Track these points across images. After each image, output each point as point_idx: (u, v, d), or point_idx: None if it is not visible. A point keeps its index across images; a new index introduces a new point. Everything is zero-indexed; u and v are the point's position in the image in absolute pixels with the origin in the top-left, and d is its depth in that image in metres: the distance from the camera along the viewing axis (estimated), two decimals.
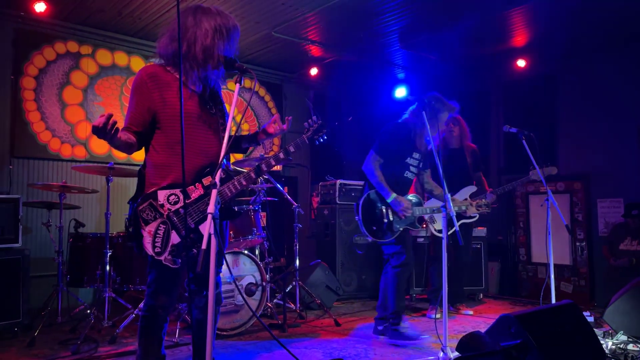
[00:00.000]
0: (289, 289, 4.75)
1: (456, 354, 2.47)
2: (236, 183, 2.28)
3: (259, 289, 4.14)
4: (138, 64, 5.82)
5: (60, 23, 5.29)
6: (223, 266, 2.39)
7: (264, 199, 4.51)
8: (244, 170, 2.35)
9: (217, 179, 1.92)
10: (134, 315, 3.88)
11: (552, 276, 3.73)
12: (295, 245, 4.71)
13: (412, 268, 3.87)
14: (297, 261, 4.68)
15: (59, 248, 4.23)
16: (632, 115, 5.60)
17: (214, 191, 1.89)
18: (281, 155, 2.39)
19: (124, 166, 5.02)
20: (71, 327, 4.03)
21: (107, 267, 3.99)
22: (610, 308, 3.54)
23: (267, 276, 4.36)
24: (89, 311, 4.02)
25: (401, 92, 6.86)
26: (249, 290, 4.07)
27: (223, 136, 2.27)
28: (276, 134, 2.49)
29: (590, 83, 5.98)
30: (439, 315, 4.51)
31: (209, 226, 1.81)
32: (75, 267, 4.19)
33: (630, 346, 3.14)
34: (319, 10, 5.02)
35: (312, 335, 4.03)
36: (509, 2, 4.77)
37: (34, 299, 4.41)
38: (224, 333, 3.86)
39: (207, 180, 2.26)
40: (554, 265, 3.78)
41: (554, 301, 3.68)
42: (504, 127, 4.09)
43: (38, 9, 4.79)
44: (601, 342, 2.94)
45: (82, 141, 5.42)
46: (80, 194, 5.17)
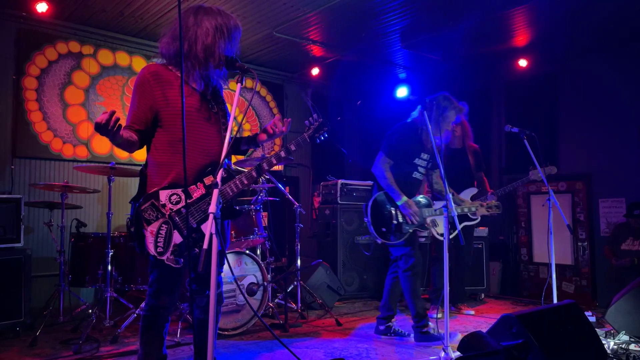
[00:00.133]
0: (290, 288, 4.76)
1: (457, 353, 2.47)
2: (238, 182, 2.29)
3: (261, 288, 4.15)
4: (140, 64, 5.83)
5: (62, 23, 5.30)
6: (224, 266, 2.39)
7: (265, 198, 4.52)
8: (245, 170, 2.35)
9: (218, 179, 1.93)
10: (135, 315, 3.89)
11: (554, 276, 3.73)
12: (297, 245, 4.71)
13: (423, 268, 3.82)
14: (299, 261, 4.69)
15: (60, 248, 4.24)
16: (634, 115, 5.59)
17: (215, 191, 1.89)
18: (282, 153, 2.39)
19: (126, 166, 5.04)
20: (73, 326, 4.04)
21: (109, 267, 4.00)
22: (612, 308, 3.54)
23: (269, 276, 4.36)
24: (90, 311, 4.03)
25: (402, 92, 6.86)
26: (251, 290, 4.07)
27: (224, 135, 2.27)
28: (276, 136, 2.48)
29: (591, 83, 5.97)
30: (440, 315, 4.51)
31: (210, 226, 1.82)
32: (77, 267, 4.20)
33: (632, 346, 3.14)
34: (320, 10, 5.02)
35: (313, 335, 4.03)
36: (510, 1, 4.76)
37: (35, 298, 4.42)
38: (226, 333, 3.86)
39: (208, 180, 2.27)
40: (556, 265, 3.79)
41: (555, 301, 3.68)
42: (506, 127, 4.09)
43: (40, 9, 4.79)
44: (603, 342, 2.94)
45: (83, 141, 5.43)
46: (81, 193, 5.18)
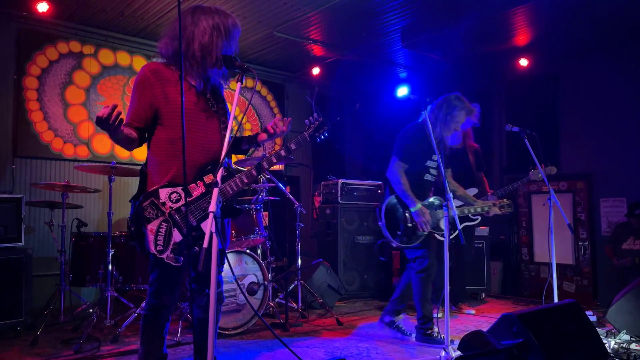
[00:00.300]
0: (291, 288, 4.75)
1: (458, 352, 2.46)
2: (237, 181, 2.29)
3: (261, 288, 4.15)
4: (140, 64, 5.83)
5: (62, 23, 5.30)
6: (225, 265, 2.39)
7: (266, 198, 4.52)
8: (245, 169, 2.35)
9: (218, 178, 1.92)
10: (136, 315, 3.89)
11: (555, 275, 3.73)
12: (297, 244, 4.71)
13: (435, 271, 3.78)
14: (299, 260, 4.68)
15: (61, 247, 4.25)
16: (635, 115, 5.58)
17: (215, 190, 1.89)
18: (282, 152, 2.39)
19: (126, 165, 5.04)
20: (73, 326, 4.04)
21: (110, 267, 4.00)
22: (613, 307, 3.54)
23: (269, 275, 4.36)
24: (91, 310, 4.03)
25: (403, 91, 6.85)
26: (251, 290, 4.07)
27: (224, 134, 2.27)
28: (277, 136, 2.48)
29: (592, 82, 5.96)
30: (441, 315, 4.51)
31: (210, 225, 1.81)
32: (77, 267, 4.20)
33: (633, 345, 3.14)
34: (320, 10, 5.02)
35: (314, 334, 4.03)
36: (510, 1, 4.75)
37: (36, 298, 4.43)
38: (226, 332, 3.86)
39: (208, 178, 2.27)
40: (557, 265, 3.78)
41: (556, 301, 3.68)
42: (506, 126, 4.08)
43: (41, 9, 4.80)
44: (604, 341, 2.94)
45: (84, 141, 5.44)
46: (82, 193, 5.18)
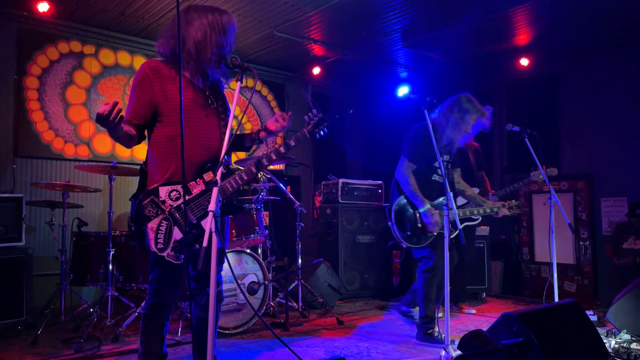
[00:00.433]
0: (291, 287, 4.75)
1: (458, 352, 2.46)
2: (237, 178, 2.28)
3: (262, 287, 4.15)
4: (141, 64, 5.83)
5: (63, 23, 5.31)
6: (225, 265, 2.39)
7: (266, 197, 4.52)
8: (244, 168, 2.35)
9: (218, 177, 1.92)
10: (136, 314, 3.89)
11: (555, 275, 3.72)
12: (298, 244, 4.71)
13: (442, 271, 3.76)
14: (300, 260, 4.68)
15: (62, 247, 4.25)
16: (636, 114, 5.57)
17: (214, 189, 1.88)
18: (282, 149, 2.39)
19: (127, 165, 5.04)
20: (74, 325, 4.04)
21: (110, 266, 4.01)
22: (613, 307, 3.54)
23: (270, 275, 4.36)
24: (91, 310, 4.04)
25: (404, 91, 6.85)
26: (252, 289, 4.07)
27: (224, 131, 2.28)
28: (278, 131, 2.48)
29: (593, 82, 5.96)
30: (441, 314, 4.50)
31: (209, 224, 1.81)
32: (78, 266, 4.20)
33: (634, 345, 3.13)
34: (321, 10, 5.02)
35: (314, 333, 4.03)
36: (511, 0, 4.75)
37: (37, 297, 4.43)
38: (227, 332, 3.86)
39: (208, 176, 2.27)
40: (558, 265, 3.78)
41: (557, 300, 3.67)
42: (507, 126, 4.07)
43: (41, 8, 4.81)
44: (604, 341, 2.93)
45: (85, 140, 5.44)
46: (83, 193, 5.18)
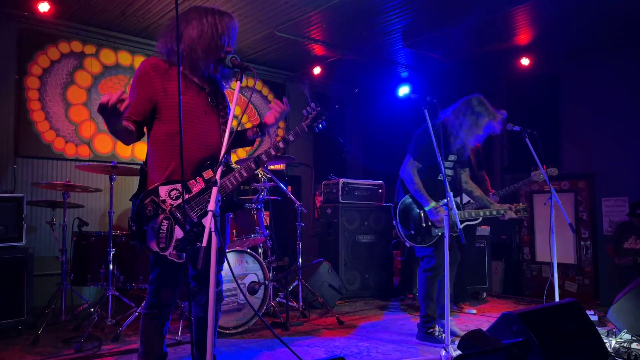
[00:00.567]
0: (291, 287, 4.75)
1: (458, 352, 2.46)
2: (237, 175, 2.29)
3: (262, 287, 4.15)
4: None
5: (64, 23, 5.31)
6: (225, 264, 2.39)
7: (266, 197, 4.52)
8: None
9: (217, 177, 1.92)
10: (137, 314, 3.89)
11: (556, 275, 3.72)
12: (298, 244, 4.71)
13: (443, 271, 3.75)
14: (300, 260, 4.69)
15: (62, 247, 4.25)
16: (636, 114, 5.57)
17: (214, 189, 1.88)
18: (281, 144, 2.39)
19: (128, 165, 5.04)
20: (75, 325, 4.05)
21: (111, 266, 4.01)
22: (614, 307, 3.53)
23: (270, 275, 4.36)
24: (92, 309, 4.04)
25: (404, 90, 6.85)
26: (252, 289, 4.07)
27: (224, 129, 2.28)
28: (279, 118, 2.50)
29: (594, 81, 5.95)
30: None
31: (209, 223, 1.81)
32: (78, 266, 4.21)
33: (634, 345, 3.13)
34: (321, 9, 5.02)
35: (314, 333, 4.03)
36: (511, 0, 4.75)
37: (37, 297, 4.43)
38: (227, 331, 3.86)
39: (207, 174, 2.27)
40: (559, 265, 3.77)
41: (557, 300, 3.67)
42: (507, 125, 4.06)
43: (42, 8, 4.81)
44: (605, 340, 2.93)
45: (86, 140, 5.45)
46: (83, 192, 5.19)
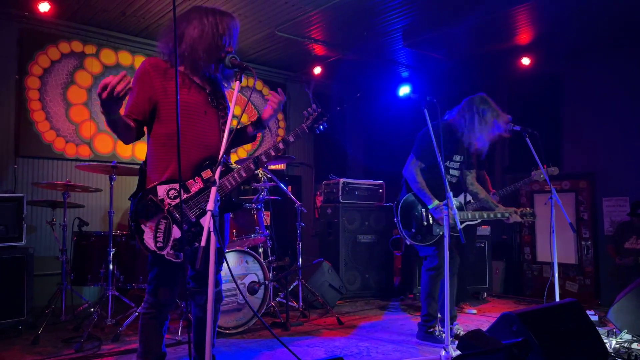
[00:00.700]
0: (291, 287, 4.75)
1: (458, 352, 2.45)
2: (236, 175, 2.29)
3: (262, 287, 4.14)
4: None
5: (64, 23, 5.31)
6: (224, 264, 2.38)
7: (266, 197, 4.51)
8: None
9: (217, 177, 1.91)
10: (137, 314, 3.89)
11: (556, 275, 3.71)
12: (298, 243, 4.70)
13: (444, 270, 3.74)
14: (300, 260, 4.68)
15: (62, 247, 4.25)
16: (637, 114, 5.56)
17: (213, 189, 1.88)
18: (280, 145, 2.39)
19: (128, 165, 5.04)
20: (75, 325, 4.05)
21: (111, 266, 4.01)
22: (614, 307, 3.53)
23: (270, 274, 4.35)
24: (92, 309, 4.04)
25: (405, 90, 6.83)
26: (252, 289, 4.07)
27: (223, 129, 2.27)
28: (276, 111, 2.50)
29: (595, 81, 5.94)
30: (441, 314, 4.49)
31: (208, 223, 1.81)
32: (79, 266, 4.21)
33: (635, 345, 3.12)
34: (321, 9, 5.02)
35: (314, 333, 4.03)
36: (512, 0, 4.74)
37: (37, 297, 4.43)
38: (227, 331, 3.86)
39: (206, 174, 2.27)
40: (559, 265, 3.77)
41: (557, 300, 3.66)
42: (508, 125, 4.06)
43: (42, 8, 4.81)
44: (605, 341, 2.92)
45: (86, 140, 5.45)
46: (84, 192, 5.19)
